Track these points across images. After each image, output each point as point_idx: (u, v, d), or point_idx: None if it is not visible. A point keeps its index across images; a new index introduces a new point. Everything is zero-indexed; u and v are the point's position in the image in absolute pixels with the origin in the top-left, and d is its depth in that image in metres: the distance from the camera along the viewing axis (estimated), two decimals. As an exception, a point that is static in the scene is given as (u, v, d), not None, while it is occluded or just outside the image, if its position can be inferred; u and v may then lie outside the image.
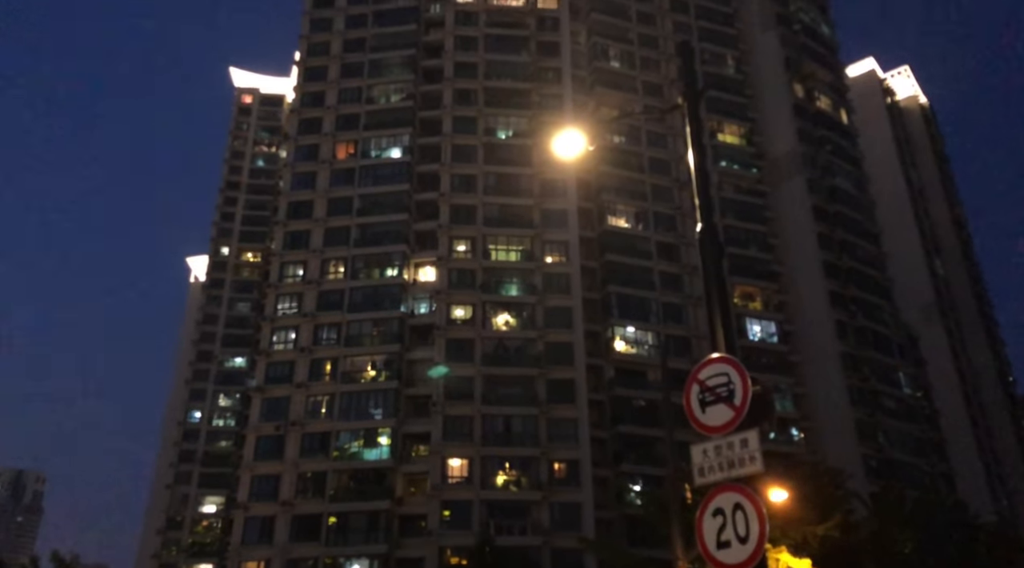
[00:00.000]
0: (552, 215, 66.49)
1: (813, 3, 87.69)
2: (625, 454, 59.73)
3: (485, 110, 70.09)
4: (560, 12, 75.55)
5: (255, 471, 59.24)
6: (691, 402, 7.52)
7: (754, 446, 6.91)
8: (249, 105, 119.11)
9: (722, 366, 7.46)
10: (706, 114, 74.36)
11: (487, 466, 57.36)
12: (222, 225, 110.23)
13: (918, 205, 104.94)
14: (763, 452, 6.89)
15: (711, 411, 7.37)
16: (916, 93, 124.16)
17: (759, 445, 6.91)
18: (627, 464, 59.26)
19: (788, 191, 74.92)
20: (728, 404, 7.25)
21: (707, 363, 7.58)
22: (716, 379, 7.43)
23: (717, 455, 7.11)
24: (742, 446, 6.99)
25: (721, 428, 7.22)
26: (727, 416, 7.20)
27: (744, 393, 7.15)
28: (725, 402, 7.28)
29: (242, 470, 60.49)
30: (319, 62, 74.01)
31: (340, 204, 67.60)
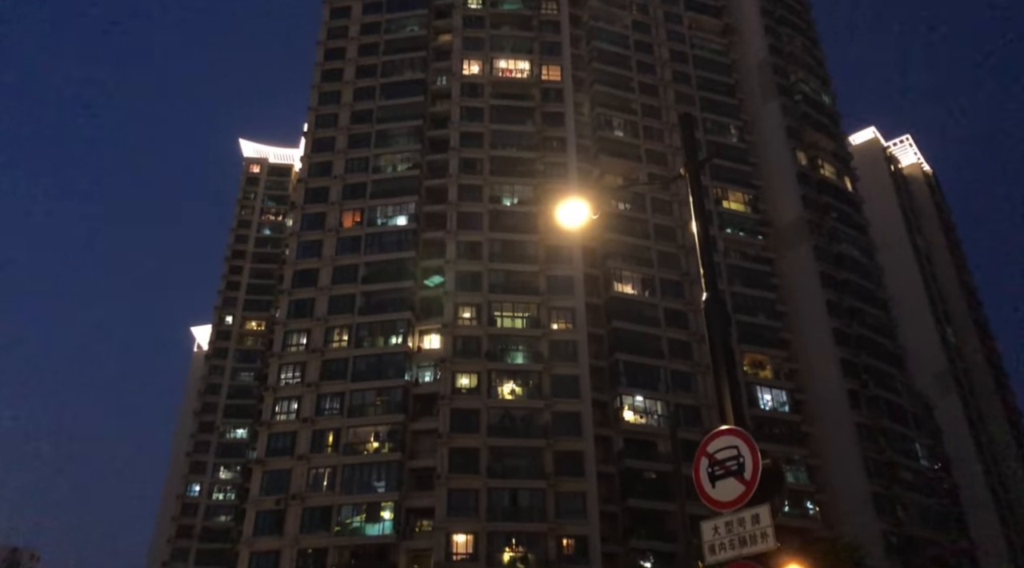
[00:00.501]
0: (558, 282, 66.21)
1: (814, 74, 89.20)
2: (635, 529, 57.79)
3: (490, 178, 70.70)
4: (564, 84, 76.97)
5: (254, 547, 57.47)
6: (700, 476, 7.30)
7: (766, 522, 6.70)
8: (257, 175, 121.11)
9: (731, 438, 7.25)
10: (710, 182, 74.92)
11: (493, 542, 55.53)
12: (227, 294, 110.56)
13: (926, 272, 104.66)
14: (777, 527, 6.67)
15: (721, 485, 7.13)
16: (919, 161, 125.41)
17: (771, 521, 6.68)
18: (637, 540, 57.23)
19: (795, 258, 74.66)
20: (738, 478, 7.01)
21: (716, 435, 7.33)
22: (725, 452, 7.18)
23: (728, 532, 6.89)
24: (753, 522, 6.76)
25: (731, 503, 6.98)
26: (737, 491, 6.97)
27: (754, 467, 6.92)
28: (735, 476, 7.04)
29: (241, 546, 58.74)
30: (327, 133, 75.20)
31: (345, 272, 67.56)
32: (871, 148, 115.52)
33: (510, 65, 77.60)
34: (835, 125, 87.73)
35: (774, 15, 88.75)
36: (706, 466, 7.25)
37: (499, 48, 78.24)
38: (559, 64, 77.94)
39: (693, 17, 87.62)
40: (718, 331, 8.12)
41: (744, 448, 6.99)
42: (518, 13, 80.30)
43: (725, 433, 7.23)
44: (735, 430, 7.20)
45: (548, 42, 78.95)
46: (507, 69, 77.49)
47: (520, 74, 77.26)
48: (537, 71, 77.01)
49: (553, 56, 78.30)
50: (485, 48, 77.92)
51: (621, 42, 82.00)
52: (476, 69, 77.08)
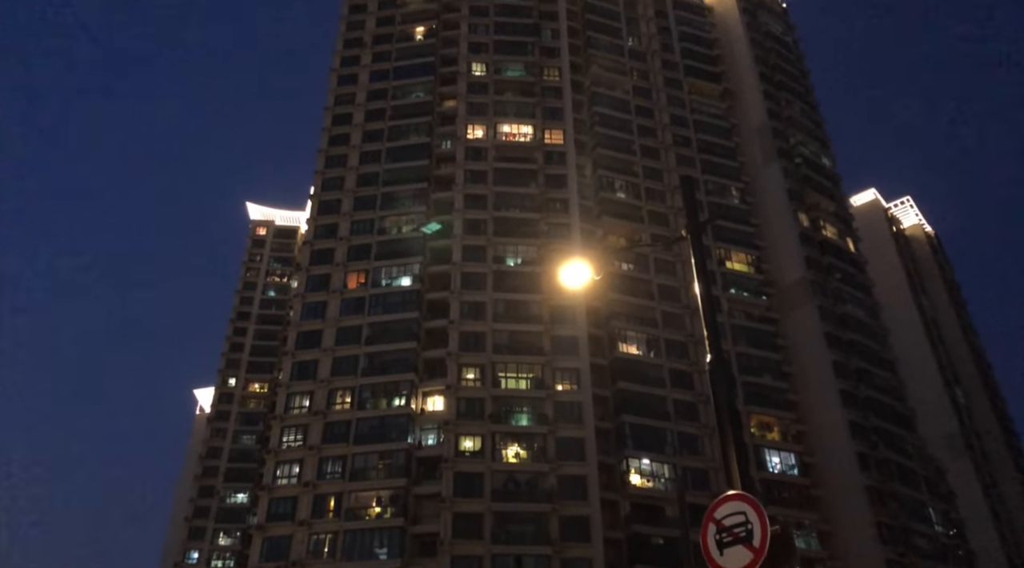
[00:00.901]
0: (562, 342, 65.97)
1: (813, 137, 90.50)
2: (643, 597, 56.11)
3: (494, 239, 71.19)
4: (566, 147, 78.17)
5: (250, 616, 55.85)
6: (708, 543, 7.03)
7: None
8: (263, 237, 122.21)
9: (739, 504, 7.00)
10: (713, 242, 75.32)
11: (497, 610, 53.93)
12: (231, 356, 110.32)
13: (932, 333, 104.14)
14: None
15: (729, 553, 6.85)
16: (921, 222, 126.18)
17: None
18: (645, 608, 55.54)
19: (800, 318, 74.43)
20: (747, 545, 6.73)
21: (723, 501, 7.09)
22: (733, 518, 6.93)
23: (738, 601, 6.47)
24: None
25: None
26: (746, 559, 6.71)
27: (763, 533, 6.67)
28: (743, 543, 6.77)
29: (237, 615, 57.07)
30: (333, 196, 76.11)
31: (349, 333, 67.46)
32: (872, 209, 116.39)
33: (513, 129, 79.00)
34: (836, 187, 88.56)
35: (772, 81, 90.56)
36: (713, 533, 7.01)
37: (502, 113, 79.78)
38: (561, 128, 79.32)
39: (693, 83, 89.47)
40: (723, 393, 8.01)
41: (752, 514, 6.77)
42: (521, 80, 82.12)
43: (732, 498, 7.02)
44: (743, 495, 7.00)
45: (550, 107, 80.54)
46: (510, 133, 78.86)
47: (523, 138, 78.58)
48: (540, 135, 78.34)
49: (555, 120, 79.75)
50: (489, 113, 79.47)
51: (622, 107, 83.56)
52: (480, 133, 78.47)
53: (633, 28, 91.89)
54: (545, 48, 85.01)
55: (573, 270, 10.60)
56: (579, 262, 10.66)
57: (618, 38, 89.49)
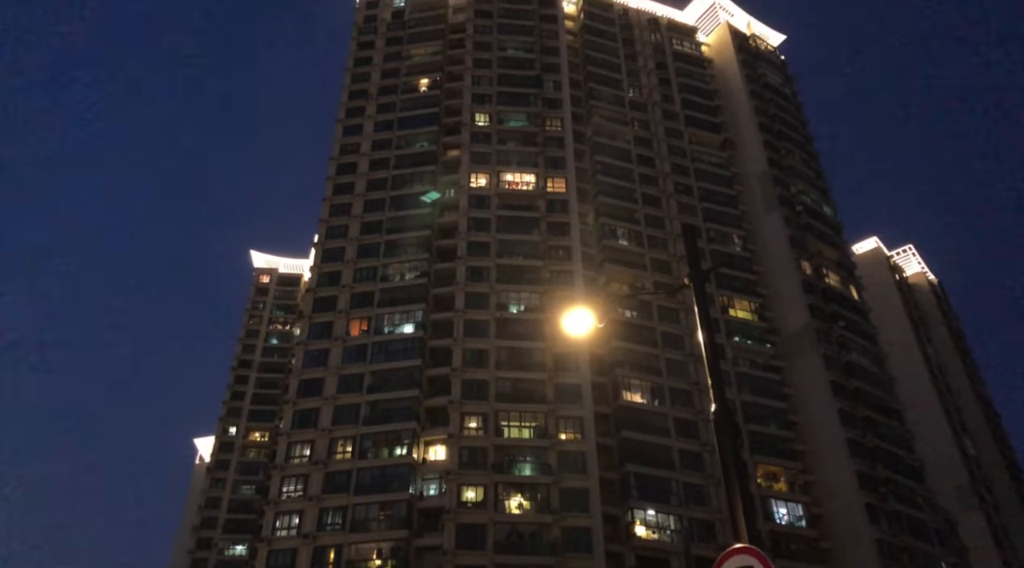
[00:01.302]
0: (566, 390, 65.48)
1: (813, 186, 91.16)
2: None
3: (497, 286, 71.24)
4: (568, 195, 78.76)
5: None
6: None
7: None
8: (267, 285, 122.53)
9: (746, 558, 6.85)
10: (716, 290, 75.29)
11: (498, 668, 52.41)
12: (232, 404, 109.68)
13: (939, 382, 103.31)
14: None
15: None
16: (923, 270, 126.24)
17: None
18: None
19: (804, 367, 73.93)
20: None
21: (730, 554, 6.94)
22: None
23: (746, 655, 6.53)
24: None
25: None
26: None
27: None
28: None
29: None
30: (337, 244, 76.47)
31: (351, 381, 67.08)
32: (875, 257, 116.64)
33: (516, 177, 79.74)
34: (837, 235, 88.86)
35: (772, 130, 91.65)
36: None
37: (505, 162, 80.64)
38: (564, 177, 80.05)
39: (693, 132, 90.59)
40: (728, 444, 7.91)
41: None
42: (523, 130, 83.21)
43: (739, 552, 6.87)
44: (750, 548, 6.85)
45: (552, 156, 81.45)
46: (513, 181, 79.58)
47: (526, 186, 79.26)
48: (542, 183, 79.03)
49: (558, 169, 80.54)
50: (492, 162, 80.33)
51: (623, 156, 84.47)
52: (483, 181, 79.19)
53: (634, 80, 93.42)
54: (547, 99, 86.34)
55: (576, 318, 10.63)
56: (582, 310, 10.68)
57: (619, 89, 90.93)
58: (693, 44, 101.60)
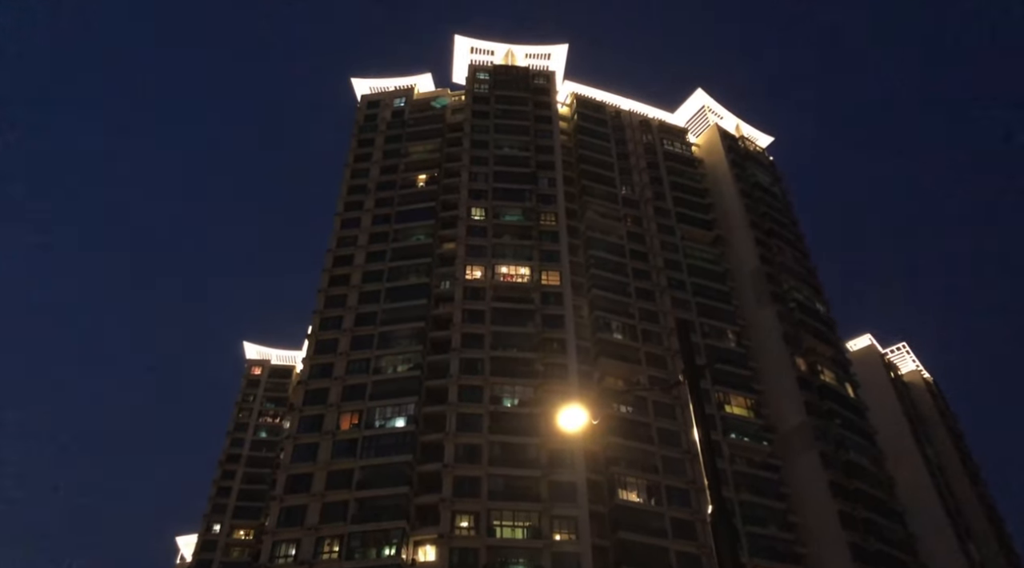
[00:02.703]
0: (560, 488, 63.86)
1: (805, 283, 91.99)
2: None
3: (491, 379, 70.57)
4: (563, 288, 79.19)
5: None
6: None
7: None
8: (258, 377, 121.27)
9: None
10: (712, 386, 74.70)
11: None
12: (217, 500, 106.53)
13: (939, 483, 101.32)
14: None
15: None
16: (918, 368, 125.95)
17: None
18: None
19: (802, 466, 72.58)
20: None
21: None
22: None
23: None
24: None
25: None
26: None
27: None
28: None
29: None
30: (331, 335, 76.13)
31: (340, 477, 65.40)
32: (869, 355, 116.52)
33: (511, 270, 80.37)
34: (831, 332, 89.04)
35: (762, 228, 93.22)
36: None
37: (501, 255, 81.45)
38: (558, 270, 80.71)
39: (685, 229, 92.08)
40: (726, 548, 7.70)
41: None
42: (519, 224, 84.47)
43: None
44: None
45: (547, 250, 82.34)
46: (508, 274, 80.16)
47: (521, 279, 79.78)
48: (537, 276, 79.60)
49: (552, 263, 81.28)
50: (487, 255, 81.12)
51: (617, 250, 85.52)
52: (479, 274, 79.73)
53: (626, 177, 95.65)
54: (542, 195, 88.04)
55: (571, 414, 10.66)
56: (576, 406, 10.72)
57: (612, 186, 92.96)
58: (684, 144, 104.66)
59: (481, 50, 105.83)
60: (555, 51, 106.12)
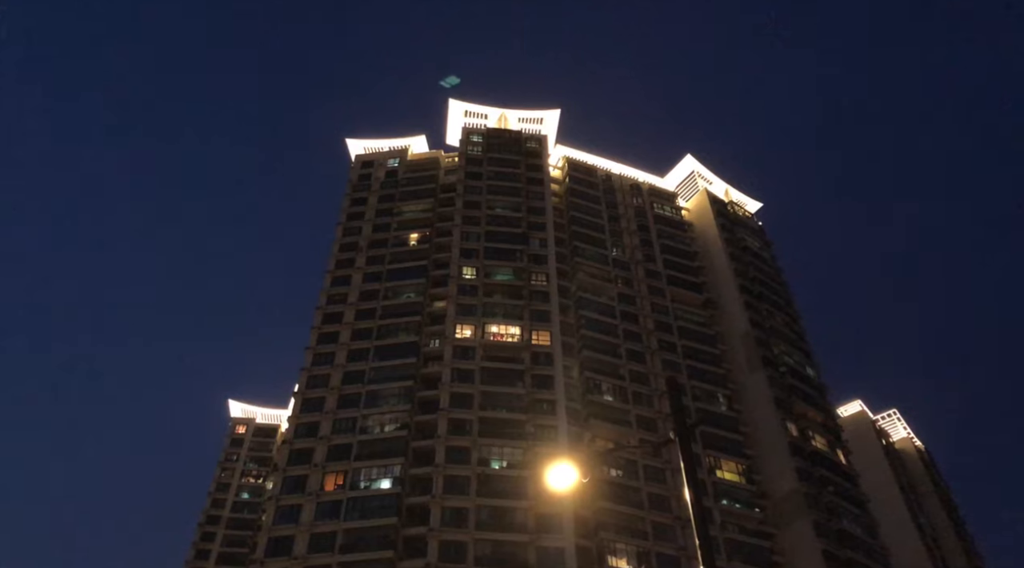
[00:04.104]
0: (549, 554, 62.24)
1: (796, 347, 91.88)
2: None
3: (479, 440, 69.46)
4: (553, 348, 78.75)
5: None
6: None
7: None
8: (242, 435, 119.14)
9: None
10: (702, 450, 73.76)
11: None
12: (195, 564, 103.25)
13: (934, 554, 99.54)
14: None
15: None
16: (910, 436, 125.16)
17: None
18: None
19: (795, 534, 71.17)
20: None
21: None
22: None
23: None
24: None
25: None
26: None
27: None
28: None
29: None
30: (317, 393, 75.12)
31: (323, 540, 63.62)
32: (860, 421, 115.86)
33: (501, 330, 79.99)
34: (822, 397, 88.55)
35: (752, 292, 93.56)
36: None
37: (491, 314, 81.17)
38: (548, 330, 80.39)
39: (675, 292, 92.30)
40: None
41: None
42: (509, 283, 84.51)
43: None
44: None
45: (538, 310, 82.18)
46: (498, 333, 79.75)
47: (511, 338, 79.35)
48: (527, 336, 79.20)
49: (542, 322, 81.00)
50: (478, 314, 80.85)
51: (607, 312, 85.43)
52: (468, 333, 79.29)
53: (617, 239, 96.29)
54: (533, 255, 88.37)
55: (560, 472, 10.57)
56: (566, 464, 10.63)
57: (603, 248, 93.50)
58: (673, 208, 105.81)
59: (475, 113, 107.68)
60: (547, 116, 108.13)
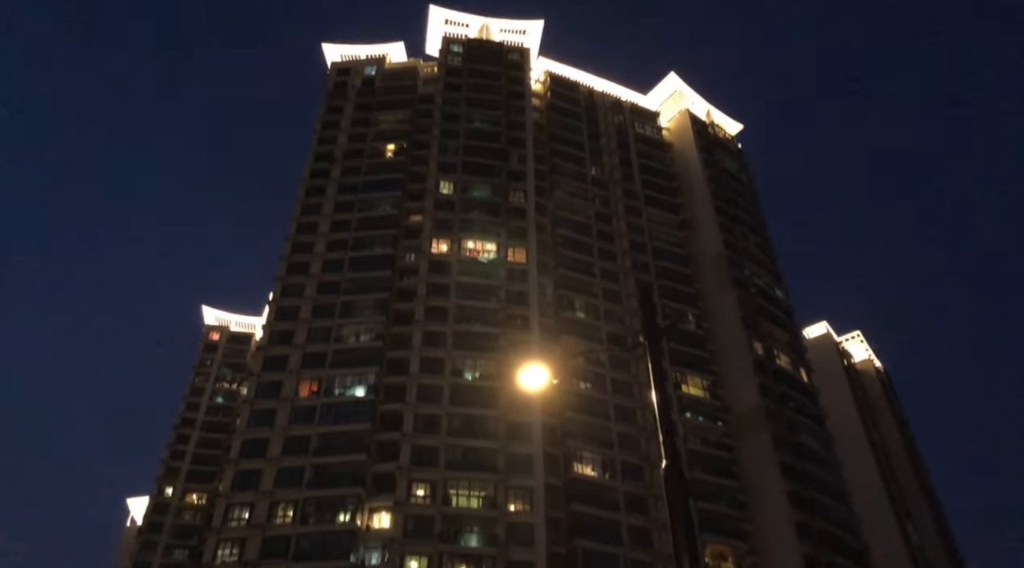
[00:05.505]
0: (517, 460, 64.62)
1: (766, 269, 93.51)
2: None
3: (453, 352, 70.83)
4: (529, 266, 79.48)
5: None
6: None
7: None
8: (216, 342, 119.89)
9: None
10: (670, 366, 75.87)
11: None
12: (170, 464, 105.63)
13: (884, 468, 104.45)
14: None
15: None
16: (871, 357, 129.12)
17: None
18: None
19: (754, 446, 74.27)
20: None
21: None
22: None
23: None
24: None
25: None
26: None
27: None
28: None
29: None
30: (292, 302, 75.58)
31: (297, 443, 65.33)
32: (824, 342, 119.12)
33: (477, 246, 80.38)
34: (789, 318, 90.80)
35: (728, 214, 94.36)
36: None
37: (467, 230, 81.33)
38: (524, 247, 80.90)
39: (652, 212, 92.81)
40: (678, 499, 7.87)
41: None
42: (487, 200, 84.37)
43: None
44: None
45: (515, 227, 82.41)
46: (474, 249, 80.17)
47: (487, 254, 79.86)
48: (503, 253, 79.73)
49: (519, 240, 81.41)
50: (454, 229, 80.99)
51: (584, 230, 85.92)
52: (445, 248, 79.64)
53: (596, 158, 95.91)
54: (512, 171, 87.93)
55: (531, 373, 10.62)
56: (537, 366, 10.68)
57: (582, 166, 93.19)
58: (654, 128, 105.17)
59: (456, 22, 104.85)
60: (530, 27, 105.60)
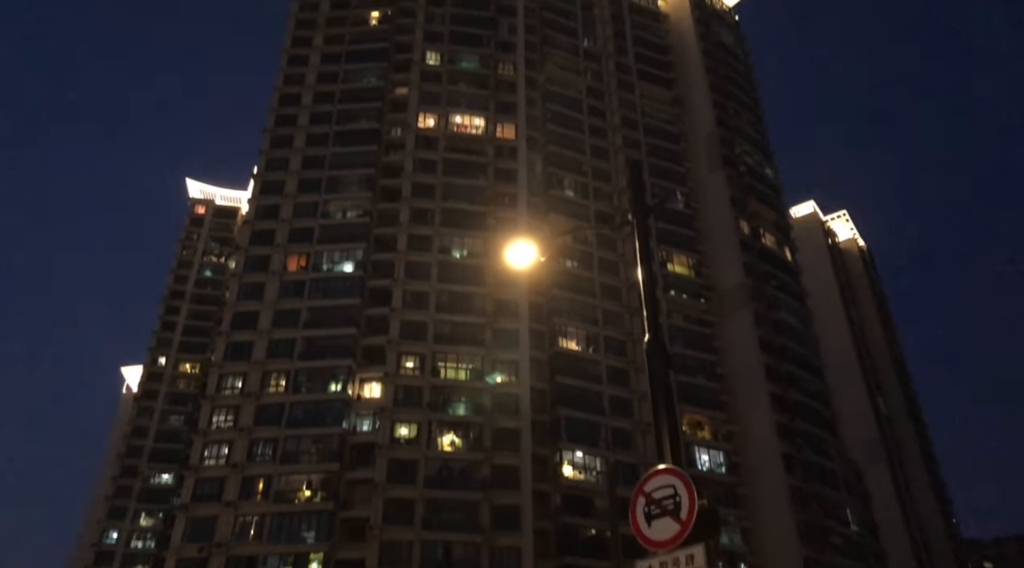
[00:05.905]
0: (504, 335, 66.26)
1: (757, 147, 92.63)
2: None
3: (441, 230, 70.99)
4: (518, 142, 78.35)
5: (171, 599, 54.76)
6: (637, 515, 7.23)
7: (700, 563, 6.60)
8: (202, 216, 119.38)
9: (668, 478, 7.19)
10: (656, 245, 76.50)
11: (424, 598, 54.04)
12: (162, 335, 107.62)
13: (859, 343, 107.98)
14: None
15: (657, 525, 7.05)
16: (855, 236, 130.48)
17: (706, 562, 6.58)
18: (571, 600, 56.37)
19: (735, 322, 76.23)
20: (674, 518, 6.94)
21: (653, 474, 7.30)
22: (662, 491, 7.13)
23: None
24: (688, 562, 6.68)
25: (667, 543, 6.90)
26: (673, 530, 6.90)
27: (691, 506, 6.86)
28: (671, 515, 6.97)
29: (157, 597, 55.89)
30: (277, 176, 74.75)
31: (287, 316, 66.47)
32: (810, 221, 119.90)
33: (465, 121, 78.81)
34: (777, 196, 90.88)
35: (722, 90, 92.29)
36: (643, 505, 7.18)
37: (455, 104, 79.44)
38: (513, 123, 79.41)
39: (644, 87, 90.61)
40: (659, 370, 8.07)
41: (681, 487, 6.93)
42: (475, 72, 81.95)
43: (663, 473, 7.17)
44: (673, 469, 7.14)
45: (504, 101, 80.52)
46: (462, 124, 78.65)
47: (475, 130, 78.46)
48: (492, 128, 78.32)
49: (508, 115, 79.78)
50: (441, 103, 79.09)
51: (575, 106, 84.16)
52: (432, 122, 78.08)
53: (589, 29, 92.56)
54: (501, 42, 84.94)
55: (519, 250, 10.50)
56: (525, 242, 10.57)
57: (574, 38, 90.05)
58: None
59: None
60: None
